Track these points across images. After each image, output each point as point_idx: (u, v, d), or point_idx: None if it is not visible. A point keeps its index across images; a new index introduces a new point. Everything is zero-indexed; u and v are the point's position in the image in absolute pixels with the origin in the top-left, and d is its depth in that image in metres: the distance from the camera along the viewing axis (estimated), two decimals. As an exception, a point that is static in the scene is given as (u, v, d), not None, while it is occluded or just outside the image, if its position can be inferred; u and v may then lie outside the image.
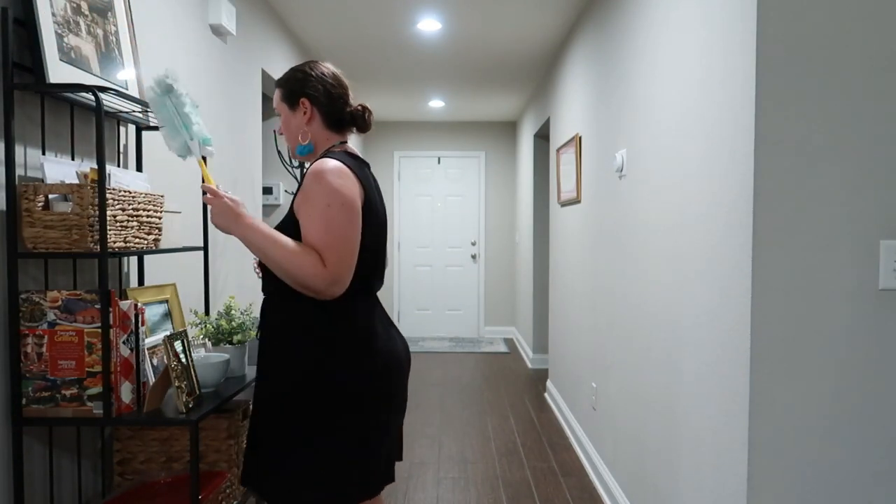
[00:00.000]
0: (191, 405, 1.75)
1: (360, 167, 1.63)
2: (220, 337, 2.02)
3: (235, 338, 2.01)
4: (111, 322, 1.64)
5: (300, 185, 1.58)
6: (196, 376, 1.83)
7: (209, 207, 1.55)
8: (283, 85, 1.69)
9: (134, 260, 2.14)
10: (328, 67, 1.71)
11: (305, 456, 1.53)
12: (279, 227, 1.59)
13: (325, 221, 1.50)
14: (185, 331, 1.86)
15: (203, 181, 1.65)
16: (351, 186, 1.55)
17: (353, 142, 6.59)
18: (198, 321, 2.07)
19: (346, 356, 1.55)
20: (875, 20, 1.61)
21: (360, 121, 1.71)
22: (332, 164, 1.55)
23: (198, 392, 1.81)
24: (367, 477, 1.58)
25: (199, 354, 2.13)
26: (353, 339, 1.56)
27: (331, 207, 1.50)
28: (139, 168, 2.14)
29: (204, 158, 1.70)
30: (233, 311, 2.07)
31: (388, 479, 1.68)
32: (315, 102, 1.66)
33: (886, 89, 1.61)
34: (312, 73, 1.68)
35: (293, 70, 1.69)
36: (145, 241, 1.89)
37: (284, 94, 1.68)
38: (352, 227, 1.52)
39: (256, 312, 3.49)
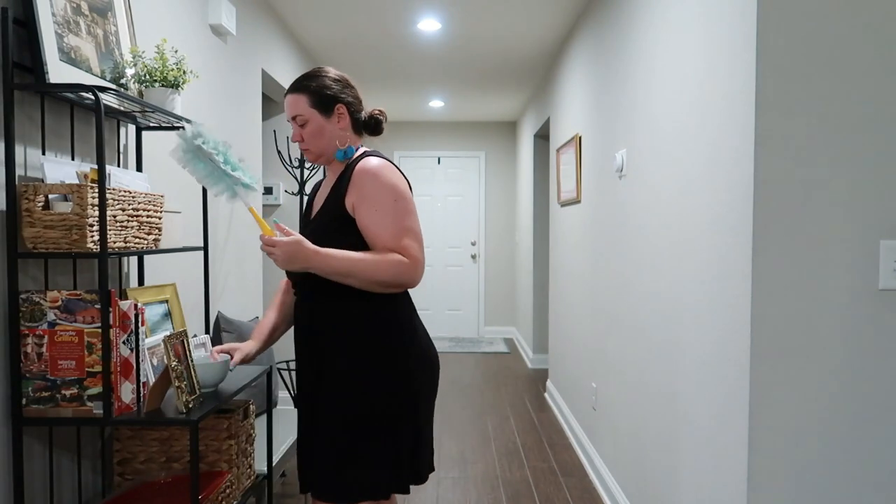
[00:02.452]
0: (191, 405, 1.75)
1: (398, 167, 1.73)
2: (154, 78, 1.93)
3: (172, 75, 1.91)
4: (111, 322, 1.64)
5: (334, 184, 1.67)
6: (196, 376, 1.83)
7: (275, 259, 1.56)
8: (314, 92, 1.67)
9: (134, 260, 2.14)
10: (341, 72, 1.75)
11: (376, 448, 1.62)
12: (321, 227, 1.65)
13: (397, 215, 1.59)
14: (184, 331, 1.86)
15: (260, 229, 1.61)
16: (403, 180, 1.66)
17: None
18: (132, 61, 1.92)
19: (402, 349, 1.64)
20: (875, 20, 1.60)
21: (378, 125, 1.77)
22: (381, 162, 1.64)
23: (198, 392, 1.81)
24: (421, 464, 1.71)
25: (199, 354, 2.13)
26: (403, 331, 1.65)
27: (398, 202, 1.60)
28: (139, 168, 2.14)
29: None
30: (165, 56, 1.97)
31: (432, 468, 1.78)
32: (349, 108, 1.71)
33: (886, 89, 1.61)
34: (341, 79, 1.72)
35: (320, 77, 1.69)
36: (145, 241, 1.89)
37: (315, 101, 1.67)
38: (416, 216, 1.65)
39: (252, 308, 3.49)
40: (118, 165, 2.06)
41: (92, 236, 1.62)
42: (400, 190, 1.62)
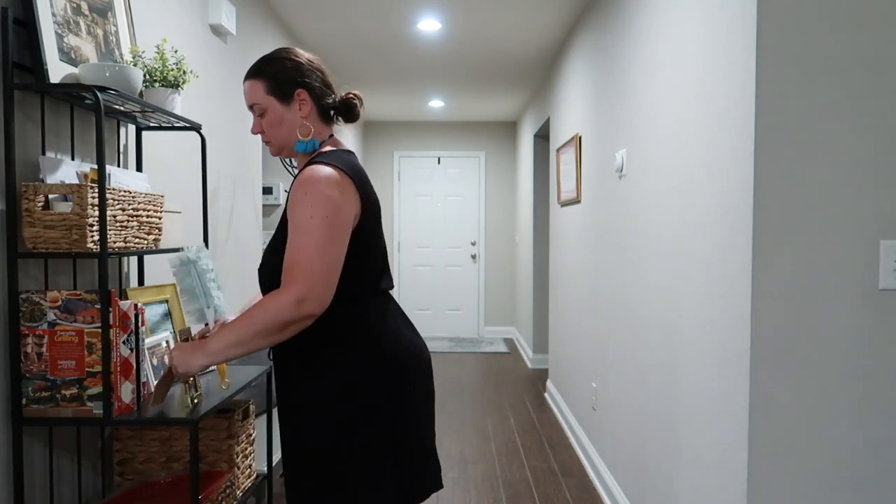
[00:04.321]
0: (196, 401, 1.76)
1: (354, 167, 1.49)
2: (154, 77, 1.95)
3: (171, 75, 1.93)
4: (111, 322, 1.64)
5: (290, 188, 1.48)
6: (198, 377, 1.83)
7: (173, 368, 1.47)
8: (270, 77, 1.49)
9: (134, 260, 2.14)
10: (310, 54, 1.55)
11: (341, 475, 1.45)
12: (271, 242, 1.51)
13: (305, 233, 1.36)
14: (189, 329, 1.86)
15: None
16: (342, 197, 1.40)
17: (351, 144, 6.58)
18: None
19: (363, 361, 1.46)
20: (875, 20, 1.60)
21: (352, 110, 1.57)
22: (325, 171, 1.41)
23: (199, 390, 1.82)
24: (409, 485, 1.50)
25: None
26: (367, 344, 1.47)
27: (312, 219, 1.36)
28: (139, 168, 2.14)
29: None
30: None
31: (437, 486, 1.58)
32: (311, 94, 1.51)
33: (886, 89, 1.61)
34: (301, 59, 1.51)
35: (278, 59, 1.50)
36: (145, 241, 1.89)
37: (272, 87, 1.49)
38: (332, 242, 1.37)
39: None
40: (118, 165, 2.06)
41: (92, 236, 1.62)
42: (321, 204, 1.37)
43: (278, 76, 1.49)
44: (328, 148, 1.54)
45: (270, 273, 1.48)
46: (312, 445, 1.46)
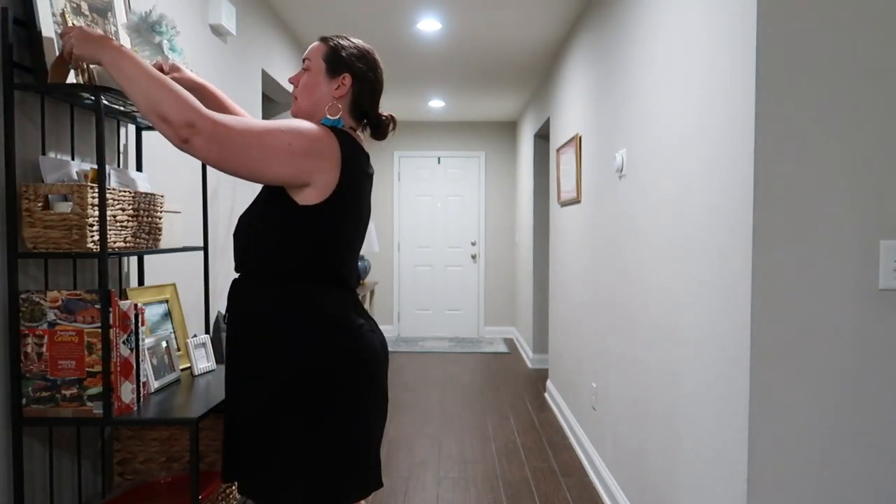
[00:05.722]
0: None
1: (357, 156, 1.53)
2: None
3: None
4: (111, 322, 1.64)
5: None
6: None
7: (71, 40, 1.46)
8: (334, 48, 1.58)
9: (134, 260, 2.14)
10: (382, 68, 1.66)
11: (280, 453, 1.45)
12: (260, 194, 1.56)
13: (269, 124, 1.41)
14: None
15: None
16: (313, 145, 1.44)
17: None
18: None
19: (317, 347, 1.46)
20: (875, 21, 1.61)
21: (382, 129, 1.66)
22: (330, 135, 1.48)
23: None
24: (347, 477, 1.48)
25: (199, 354, 2.13)
26: (323, 330, 1.47)
27: (272, 123, 1.41)
28: (139, 168, 2.14)
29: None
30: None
31: (375, 485, 1.57)
32: (355, 85, 1.58)
33: (886, 90, 1.61)
34: (368, 58, 1.61)
35: (350, 44, 1.60)
36: (145, 241, 1.89)
37: (329, 56, 1.58)
38: (264, 137, 1.38)
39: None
40: (118, 165, 2.06)
41: (92, 236, 1.63)
42: (290, 123, 1.43)
43: (339, 52, 1.59)
44: (348, 131, 1.59)
45: (254, 234, 1.51)
46: (257, 415, 1.47)
